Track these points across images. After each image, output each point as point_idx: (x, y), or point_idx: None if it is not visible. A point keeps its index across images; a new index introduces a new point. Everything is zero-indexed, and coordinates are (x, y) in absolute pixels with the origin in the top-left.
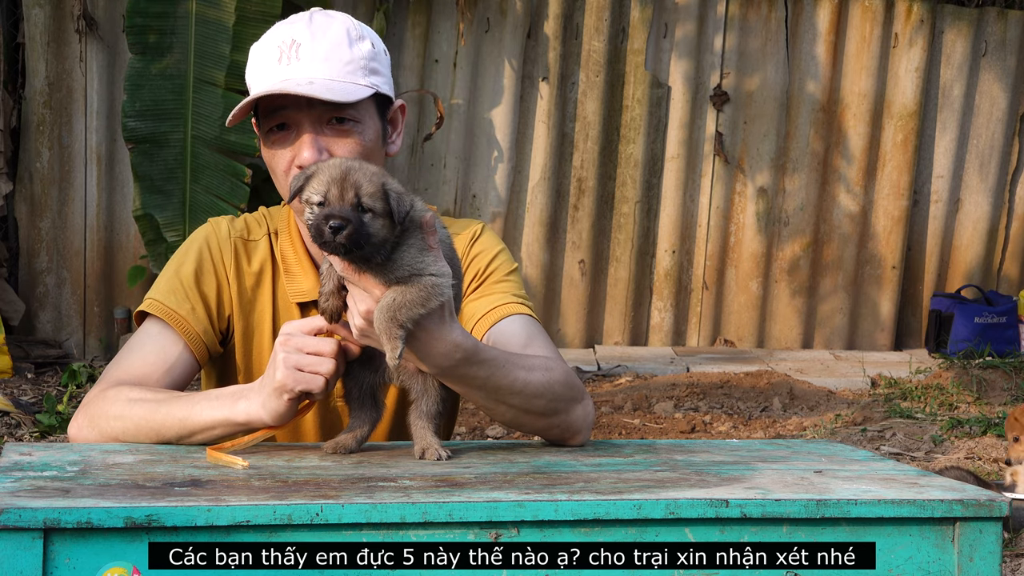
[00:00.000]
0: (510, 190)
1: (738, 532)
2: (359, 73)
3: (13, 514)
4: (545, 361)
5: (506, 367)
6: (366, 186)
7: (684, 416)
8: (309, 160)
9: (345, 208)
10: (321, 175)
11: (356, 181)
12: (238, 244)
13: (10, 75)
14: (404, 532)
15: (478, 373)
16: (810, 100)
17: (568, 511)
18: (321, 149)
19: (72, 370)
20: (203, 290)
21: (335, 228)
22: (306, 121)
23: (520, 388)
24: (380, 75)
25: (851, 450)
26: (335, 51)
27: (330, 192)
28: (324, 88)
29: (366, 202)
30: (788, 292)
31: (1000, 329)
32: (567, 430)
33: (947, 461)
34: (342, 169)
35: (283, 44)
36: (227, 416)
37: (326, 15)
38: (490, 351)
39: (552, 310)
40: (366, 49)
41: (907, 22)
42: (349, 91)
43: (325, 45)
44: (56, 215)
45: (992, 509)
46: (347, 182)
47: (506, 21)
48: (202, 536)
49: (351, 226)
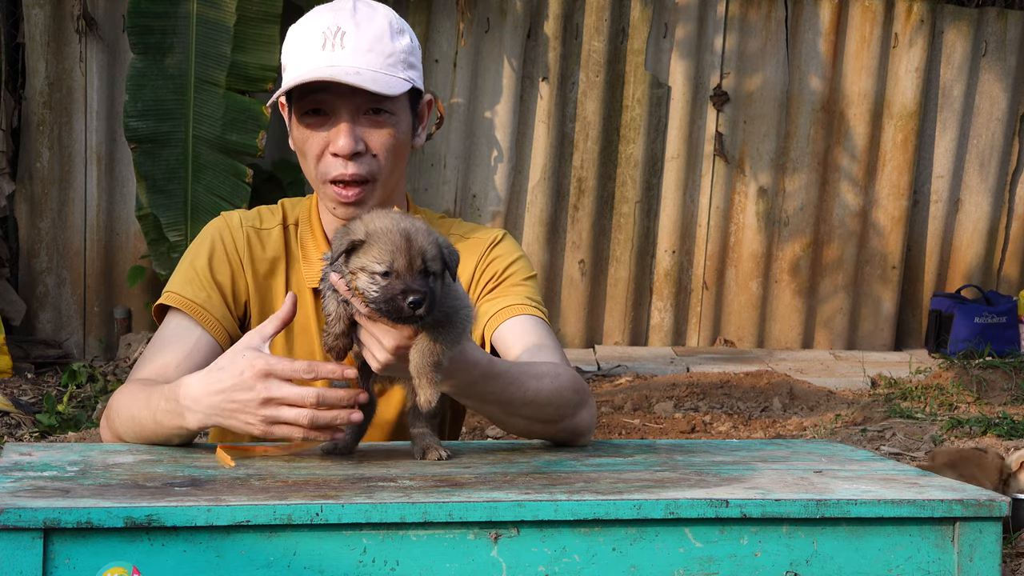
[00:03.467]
0: (510, 190)
1: (738, 532)
2: (399, 67)
3: (13, 514)
4: (553, 367)
5: (519, 378)
6: (430, 250)
7: (684, 416)
8: (344, 148)
9: (418, 279)
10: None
11: (421, 248)
12: (251, 233)
13: (10, 75)
14: (404, 532)
15: (493, 387)
16: (810, 100)
17: (568, 511)
18: (357, 139)
19: (72, 370)
20: (218, 279)
21: (416, 303)
22: (345, 109)
23: (532, 398)
24: (416, 69)
25: (851, 450)
26: (378, 43)
27: (396, 262)
28: (370, 79)
29: (431, 267)
30: (788, 292)
31: (1000, 329)
32: (573, 433)
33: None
34: (405, 236)
35: (328, 31)
36: (177, 424)
37: (369, 6)
38: (502, 364)
39: (552, 310)
40: (406, 43)
41: (907, 22)
42: (391, 84)
43: (369, 36)
44: (56, 215)
45: (992, 509)
46: (413, 250)
47: (506, 21)
48: (202, 536)
49: (430, 295)
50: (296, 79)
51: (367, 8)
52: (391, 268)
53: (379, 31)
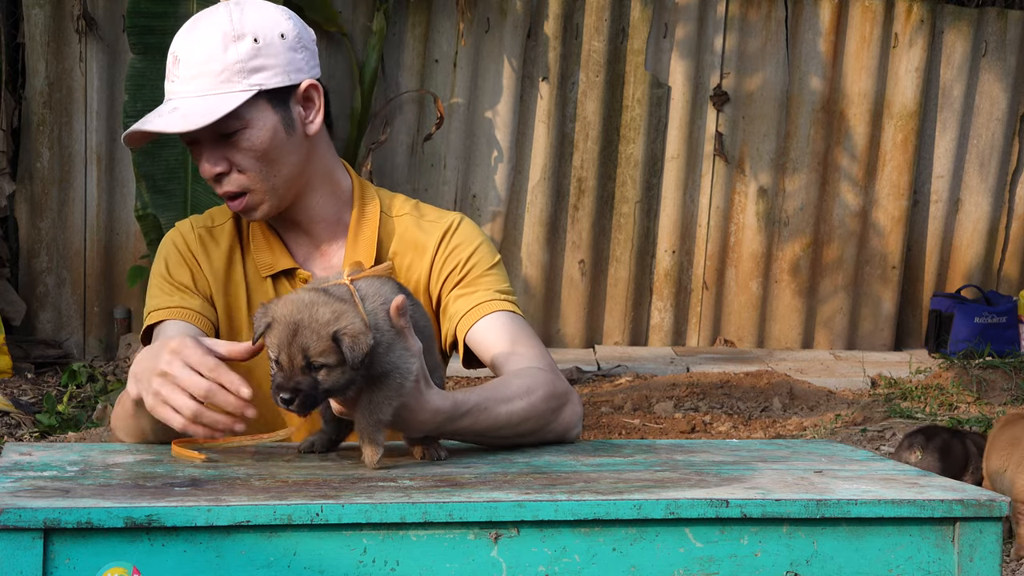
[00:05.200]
0: (510, 190)
1: (738, 532)
2: (235, 79)
3: (13, 514)
4: (526, 381)
5: (488, 410)
6: (314, 345)
7: (684, 416)
8: (208, 173)
9: (294, 374)
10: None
11: (303, 344)
12: (203, 233)
13: (10, 75)
14: (404, 532)
15: (461, 425)
16: (810, 100)
17: (568, 511)
18: (218, 160)
19: (72, 370)
20: (181, 281)
21: (286, 400)
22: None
23: (504, 422)
24: (267, 69)
25: (851, 450)
26: (207, 63)
27: (280, 356)
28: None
29: (317, 360)
30: (788, 292)
31: (1000, 329)
32: (558, 435)
33: None
34: (290, 328)
35: (171, 59)
36: (130, 398)
37: (210, 14)
38: (469, 400)
39: (552, 310)
40: (244, 50)
41: (907, 22)
42: (218, 106)
43: (198, 58)
44: (56, 215)
45: (992, 509)
46: (294, 345)
47: (506, 21)
48: (202, 536)
49: (301, 395)
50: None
51: (207, 18)
52: (277, 360)
53: (209, 48)
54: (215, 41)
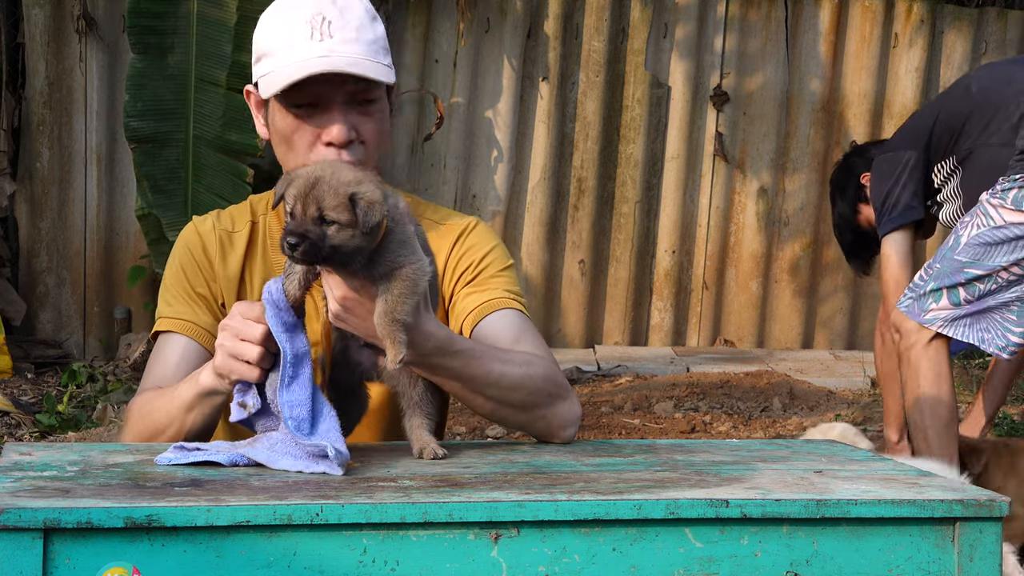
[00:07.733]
0: (510, 190)
1: (738, 532)
2: (381, 53)
3: (13, 514)
4: (528, 357)
5: (482, 359)
6: (329, 199)
7: (684, 416)
8: (341, 138)
9: (305, 223)
10: (293, 186)
11: (319, 195)
12: (223, 236)
13: (10, 75)
14: (404, 532)
15: (452, 363)
16: (810, 100)
17: (568, 511)
18: (351, 127)
19: (72, 370)
20: (196, 290)
21: (292, 244)
22: (338, 99)
23: (495, 380)
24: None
25: (851, 450)
26: (362, 31)
27: (296, 207)
28: (365, 68)
29: (329, 215)
30: (788, 292)
31: None
32: (549, 426)
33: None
34: (309, 181)
35: (314, 20)
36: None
37: None
38: (465, 343)
39: (552, 310)
40: (381, 30)
41: (907, 22)
42: (379, 71)
43: (354, 23)
44: (56, 215)
45: (992, 509)
46: (310, 196)
47: (506, 21)
48: (202, 536)
49: (307, 243)
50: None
51: None
52: (292, 211)
53: (361, 18)
54: (363, 14)
